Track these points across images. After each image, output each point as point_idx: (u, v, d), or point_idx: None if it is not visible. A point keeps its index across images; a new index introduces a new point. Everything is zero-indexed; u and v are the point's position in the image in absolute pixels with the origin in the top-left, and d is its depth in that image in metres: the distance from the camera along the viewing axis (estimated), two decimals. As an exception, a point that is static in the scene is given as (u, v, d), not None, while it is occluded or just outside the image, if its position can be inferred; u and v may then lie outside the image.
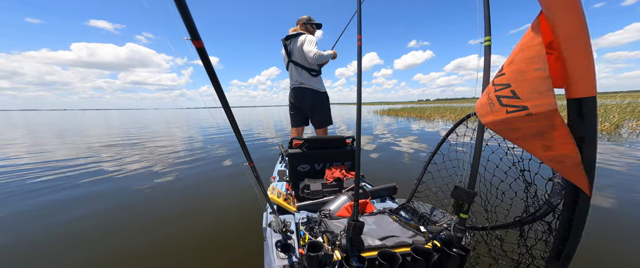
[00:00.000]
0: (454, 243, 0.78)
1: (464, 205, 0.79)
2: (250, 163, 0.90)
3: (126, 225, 1.87)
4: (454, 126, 1.02)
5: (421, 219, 1.10)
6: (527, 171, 0.70)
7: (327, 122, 2.47)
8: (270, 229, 1.00)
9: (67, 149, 5.17)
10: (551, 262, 0.52)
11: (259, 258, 1.31)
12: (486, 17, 0.85)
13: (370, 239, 0.83)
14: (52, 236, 1.71)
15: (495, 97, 0.50)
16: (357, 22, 0.91)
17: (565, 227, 0.48)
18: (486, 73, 0.87)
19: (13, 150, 5.04)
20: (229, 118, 0.72)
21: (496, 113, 0.50)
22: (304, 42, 2.19)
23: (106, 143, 6.07)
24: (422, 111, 16.32)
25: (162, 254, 1.50)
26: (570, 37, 0.39)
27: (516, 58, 0.47)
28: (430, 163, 1.15)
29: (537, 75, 0.42)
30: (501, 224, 0.76)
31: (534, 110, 0.43)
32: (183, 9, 0.46)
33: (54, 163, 3.90)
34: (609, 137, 5.25)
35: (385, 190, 1.48)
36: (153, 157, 4.28)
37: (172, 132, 8.54)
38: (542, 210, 0.62)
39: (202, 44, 0.53)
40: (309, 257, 0.71)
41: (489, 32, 0.86)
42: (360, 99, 0.86)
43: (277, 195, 1.27)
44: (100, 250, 1.54)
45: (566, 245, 0.48)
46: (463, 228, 0.80)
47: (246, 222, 1.85)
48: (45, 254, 1.50)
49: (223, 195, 2.48)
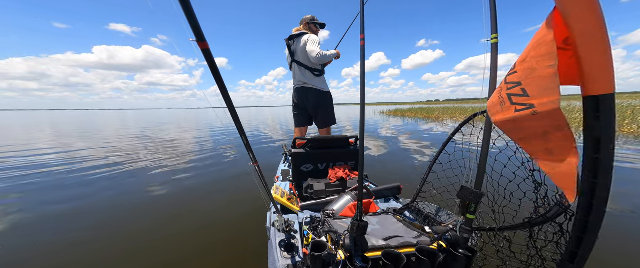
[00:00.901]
0: (460, 244, 0.76)
1: (471, 206, 0.78)
2: (255, 163, 0.90)
3: (114, 228, 1.88)
4: (461, 125, 1.00)
5: (426, 220, 1.09)
6: (537, 171, 0.68)
7: (331, 121, 2.46)
8: (274, 229, 1.00)
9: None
10: (564, 265, 0.50)
11: (263, 257, 1.31)
12: (492, 15, 0.84)
13: (374, 239, 0.82)
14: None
15: (507, 96, 0.48)
16: (360, 22, 0.92)
17: (580, 229, 0.46)
18: (493, 71, 0.85)
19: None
20: (234, 118, 0.72)
21: (506, 111, 0.49)
22: (307, 42, 2.19)
23: (110, 141, 6.17)
24: (430, 112, 15.79)
25: (162, 255, 1.51)
26: (586, 33, 0.37)
27: (529, 56, 0.46)
28: (435, 163, 1.13)
29: (547, 72, 0.41)
30: (510, 225, 0.75)
31: (539, 109, 0.42)
32: (188, 10, 0.46)
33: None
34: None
35: (389, 190, 1.47)
36: (160, 156, 4.33)
37: (184, 132, 8.70)
38: (553, 212, 0.60)
39: (207, 45, 0.53)
40: (312, 257, 0.71)
41: (495, 30, 0.84)
42: (363, 98, 0.86)
43: (280, 194, 1.27)
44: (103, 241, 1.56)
45: (580, 248, 0.47)
46: (470, 229, 0.78)
47: (250, 221, 1.86)
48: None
49: (227, 193, 2.49)
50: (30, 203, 2.29)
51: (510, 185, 0.76)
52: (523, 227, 0.70)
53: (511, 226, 0.74)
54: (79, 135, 7.95)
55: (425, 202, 1.20)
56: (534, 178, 0.69)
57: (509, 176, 0.76)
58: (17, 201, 2.34)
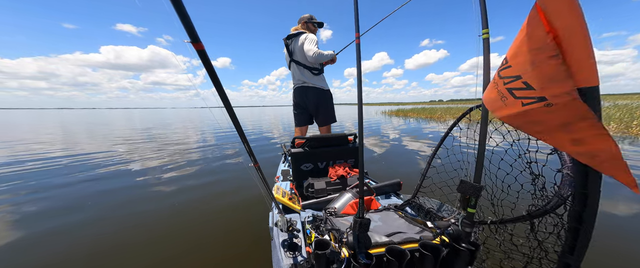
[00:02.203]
0: (463, 238, 0.77)
1: (471, 200, 0.78)
2: (255, 164, 0.90)
3: (103, 228, 1.87)
4: (457, 120, 1.01)
5: (427, 215, 1.10)
6: (534, 163, 0.69)
7: (331, 120, 2.47)
8: (276, 228, 1.00)
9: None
10: (565, 256, 0.51)
11: (267, 257, 1.32)
12: (482, 9, 0.84)
13: (377, 236, 0.83)
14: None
15: (507, 90, 0.48)
16: (355, 21, 0.92)
17: (576, 220, 0.47)
18: (486, 67, 0.86)
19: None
20: (232, 119, 0.72)
21: (511, 106, 0.49)
22: (305, 41, 2.18)
23: (113, 140, 6.11)
24: (432, 112, 15.54)
25: (163, 254, 1.51)
26: (568, 27, 0.38)
27: (521, 49, 0.46)
28: (434, 157, 1.14)
29: (552, 63, 0.41)
30: (510, 218, 0.75)
31: (553, 101, 0.41)
32: (181, 11, 0.45)
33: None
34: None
35: (389, 187, 1.48)
36: (163, 155, 4.30)
37: (190, 131, 8.74)
38: (552, 203, 0.61)
39: (202, 46, 0.53)
40: (316, 255, 0.71)
41: (486, 25, 0.85)
42: (360, 97, 0.86)
43: (281, 194, 1.27)
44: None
45: (578, 238, 0.48)
46: (471, 222, 0.79)
47: (253, 222, 1.86)
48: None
49: (229, 194, 2.49)
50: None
51: (508, 177, 0.77)
52: (524, 219, 0.71)
53: (512, 219, 0.75)
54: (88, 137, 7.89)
55: (425, 197, 1.21)
56: (531, 170, 0.70)
57: (506, 169, 0.77)
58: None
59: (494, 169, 0.83)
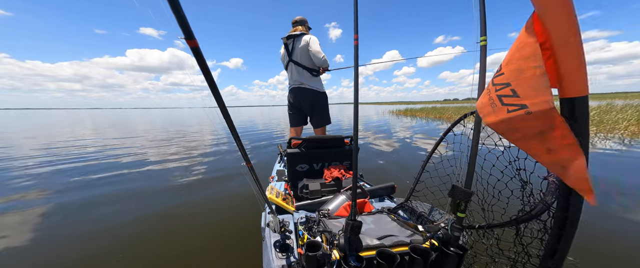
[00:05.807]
0: (452, 242, 0.78)
1: (461, 204, 0.80)
2: (248, 164, 0.90)
3: (90, 227, 1.87)
4: (451, 126, 1.02)
5: (419, 218, 1.11)
6: (523, 170, 0.71)
7: (326, 121, 2.48)
8: (268, 229, 1.00)
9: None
10: (546, 259, 0.53)
11: (258, 258, 1.31)
12: (482, 17, 0.86)
13: (368, 238, 0.84)
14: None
15: (497, 97, 0.49)
16: (354, 23, 0.92)
17: (559, 226, 0.49)
18: (482, 73, 0.88)
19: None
20: (226, 119, 0.72)
21: (497, 112, 0.50)
22: (310, 43, 2.18)
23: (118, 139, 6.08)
24: (442, 111, 14.43)
25: (154, 254, 1.50)
26: (561, 36, 0.39)
27: (514, 57, 0.47)
28: (428, 162, 1.16)
29: (534, 73, 0.42)
30: (497, 223, 0.77)
31: (532, 108, 0.43)
32: (175, 6, 0.45)
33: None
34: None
35: (383, 190, 1.49)
36: (164, 154, 4.27)
37: (195, 131, 8.76)
38: (537, 209, 0.63)
39: (196, 43, 0.52)
40: (307, 257, 0.72)
41: (484, 33, 0.86)
42: (357, 98, 0.87)
43: (275, 195, 1.27)
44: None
45: (560, 244, 0.49)
46: (460, 227, 0.80)
47: (245, 222, 1.85)
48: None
49: (222, 194, 2.48)
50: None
51: (499, 183, 0.78)
52: (510, 224, 0.72)
53: (499, 224, 0.76)
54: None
55: (418, 201, 1.22)
56: (520, 177, 0.72)
57: (497, 175, 0.78)
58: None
59: (485, 175, 0.84)
